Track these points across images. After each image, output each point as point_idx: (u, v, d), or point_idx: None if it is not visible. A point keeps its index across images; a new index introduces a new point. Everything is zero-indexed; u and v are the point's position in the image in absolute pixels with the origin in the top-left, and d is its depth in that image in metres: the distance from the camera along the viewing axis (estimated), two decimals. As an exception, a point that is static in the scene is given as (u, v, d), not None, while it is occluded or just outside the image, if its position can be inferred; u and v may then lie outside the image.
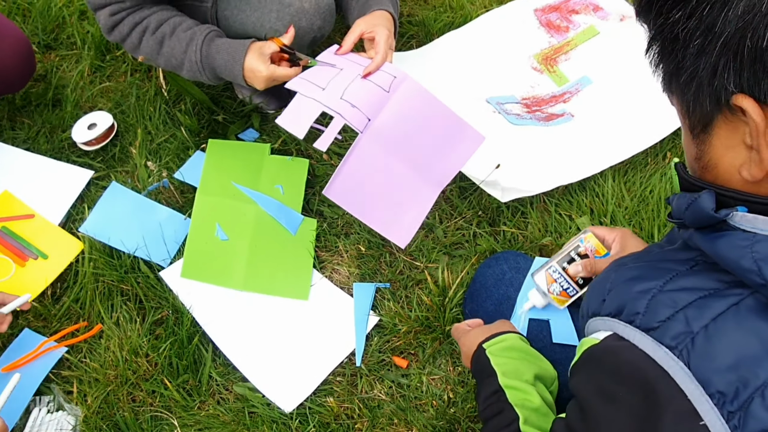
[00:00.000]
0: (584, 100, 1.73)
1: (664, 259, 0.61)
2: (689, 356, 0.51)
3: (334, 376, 1.36)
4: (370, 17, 1.41)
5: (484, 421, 0.92)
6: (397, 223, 1.41)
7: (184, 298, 1.40)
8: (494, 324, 1.08)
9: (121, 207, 1.52)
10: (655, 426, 0.52)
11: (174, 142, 1.67)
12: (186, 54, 1.41)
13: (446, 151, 1.39)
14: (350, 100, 1.31)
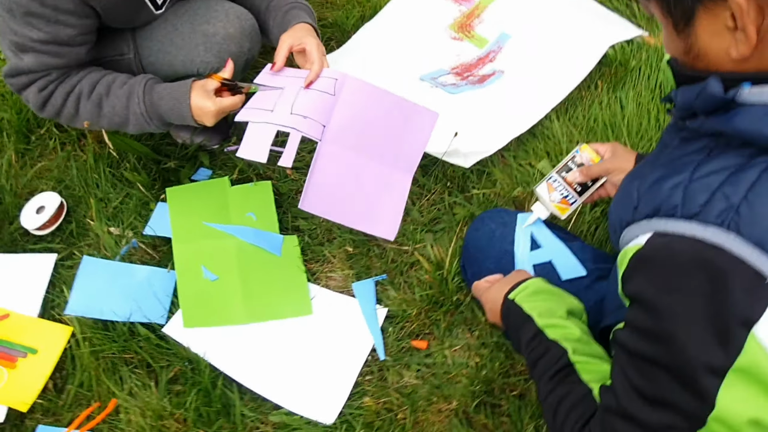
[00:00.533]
0: (508, 55, 1.81)
1: (679, 156, 0.66)
2: (738, 226, 0.56)
3: (363, 376, 1.38)
4: (293, 31, 1.43)
5: (531, 365, 0.95)
6: (380, 218, 1.44)
7: (196, 347, 1.38)
8: (510, 275, 1.12)
9: (101, 278, 1.48)
10: (725, 297, 0.56)
11: (130, 202, 1.64)
12: (128, 109, 1.39)
13: (405, 136, 1.43)
14: (301, 113, 1.33)
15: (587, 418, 0.81)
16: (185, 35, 1.40)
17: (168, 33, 1.42)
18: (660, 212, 0.63)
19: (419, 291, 1.45)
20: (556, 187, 1.23)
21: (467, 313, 1.43)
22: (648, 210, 0.65)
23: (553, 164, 1.61)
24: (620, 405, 0.70)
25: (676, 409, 0.63)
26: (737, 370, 0.58)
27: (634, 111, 1.68)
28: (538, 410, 1.29)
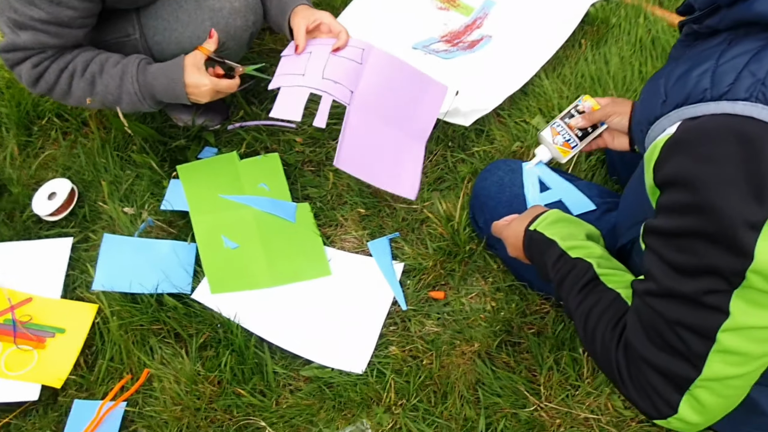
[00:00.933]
0: (495, 20, 1.88)
1: (701, 51, 0.73)
2: (766, 97, 0.63)
3: (387, 327, 1.44)
4: (301, 12, 1.46)
5: (558, 284, 1.02)
6: (402, 179, 1.52)
7: (227, 311, 1.43)
8: (527, 211, 1.19)
9: (124, 254, 1.51)
10: (758, 158, 0.62)
11: (141, 182, 1.67)
12: (122, 88, 1.41)
13: (420, 105, 1.53)
14: (332, 78, 1.39)
15: (618, 318, 0.88)
16: (191, 12, 1.44)
17: (173, 11, 1.46)
18: (689, 100, 0.69)
19: (432, 244, 1.52)
20: (559, 131, 1.31)
21: (480, 261, 1.50)
22: (677, 100, 0.70)
23: (547, 120, 1.69)
24: (660, 285, 0.75)
25: (716, 272, 0.68)
26: None
27: (618, 65, 1.77)
28: (556, 344, 1.37)
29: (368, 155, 1.46)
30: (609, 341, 0.87)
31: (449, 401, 1.34)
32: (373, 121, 1.45)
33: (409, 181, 1.52)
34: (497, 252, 1.46)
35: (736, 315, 0.70)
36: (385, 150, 1.48)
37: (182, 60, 1.40)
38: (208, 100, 1.44)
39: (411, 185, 1.53)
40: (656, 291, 0.76)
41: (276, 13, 1.52)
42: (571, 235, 1.05)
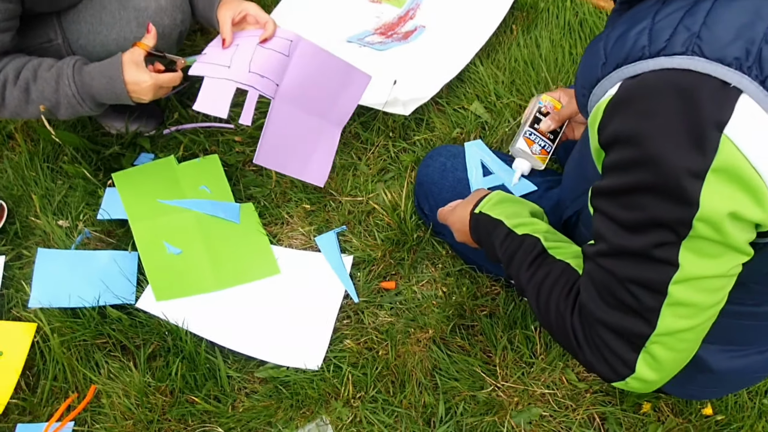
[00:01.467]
0: (427, 10, 1.89)
1: (637, 11, 0.74)
2: (701, 48, 0.64)
3: (340, 321, 1.43)
4: (228, 4, 1.43)
5: (508, 262, 1.02)
6: (312, 166, 1.53)
7: (174, 318, 1.38)
8: (471, 196, 1.19)
9: (61, 268, 1.45)
10: (697, 108, 0.63)
11: (75, 193, 1.61)
12: (58, 92, 1.34)
13: (342, 94, 1.51)
14: (258, 71, 1.36)
15: (571, 286, 0.89)
16: (115, 13, 1.39)
17: (96, 12, 1.40)
18: (629, 59, 0.70)
19: (380, 235, 1.51)
20: (534, 140, 1.30)
21: (428, 248, 1.50)
22: (617, 60, 0.71)
23: (485, 105, 1.71)
24: (610, 245, 0.76)
25: (664, 224, 0.70)
26: (715, 169, 0.64)
27: (550, 48, 1.81)
28: (509, 323, 1.39)
29: (287, 148, 1.46)
30: (564, 309, 0.88)
31: (407, 389, 1.34)
32: (296, 112, 1.44)
33: (320, 168, 1.54)
34: (444, 238, 1.46)
35: (685, 266, 0.71)
36: (303, 139, 1.49)
37: (120, 57, 1.33)
38: (151, 98, 1.37)
39: (321, 172, 1.55)
40: (607, 251, 0.77)
41: (203, 7, 1.48)
42: (516, 213, 1.06)
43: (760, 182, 0.65)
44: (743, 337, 0.98)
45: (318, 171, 1.54)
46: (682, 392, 1.17)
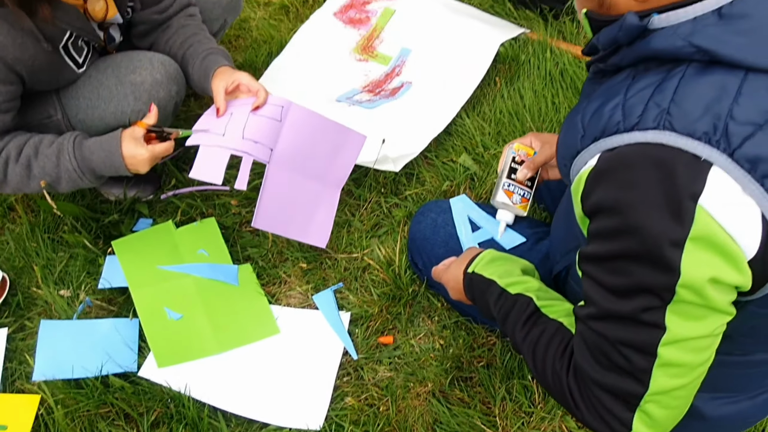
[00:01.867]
0: (413, 67, 1.96)
1: (609, 87, 0.79)
2: (672, 124, 0.69)
3: (340, 379, 1.45)
4: (220, 75, 1.48)
5: (503, 321, 1.05)
6: (312, 228, 1.55)
7: (176, 385, 1.40)
8: (464, 254, 1.23)
9: (63, 339, 1.47)
10: (673, 180, 0.68)
11: (76, 262, 1.64)
12: (59, 167, 1.40)
13: (338, 156, 1.56)
14: (252, 138, 1.41)
15: (565, 345, 0.92)
16: (112, 88, 1.45)
17: (94, 88, 1.46)
18: (605, 133, 0.75)
19: (376, 290, 1.54)
20: (513, 190, 1.34)
21: (424, 302, 1.53)
22: (594, 134, 0.76)
23: (473, 157, 1.76)
24: (599, 308, 0.79)
25: (649, 290, 0.73)
26: (693, 238, 0.68)
27: (533, 98, 1.87)
28: (506, 373, 1.41)
29: (285, 210, 1.49)
30: (559, 369, 0.91)
31: (409, 445, 1.35)
32: (293, 176, 1.48)
33: (321, 229, 1.57)
34: (439, 291, 1.49)
35: (672, 329, 0.75)
36: (302, 202, 1.52)
37: (119, 133, 1.40)
38: (148, 169, 1.43)
39: (321, 233, 1.57)
40: (597, 314, 0.80)
41: (198, 78, 1.54)
42: (508, 272, 1.09)
43: (735, 248, 0.69)
44: (734, 385, 1.01)
45: (319, 232, 1.56)
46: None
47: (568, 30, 2.05)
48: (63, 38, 1.36)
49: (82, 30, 1.38)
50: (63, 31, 1.34)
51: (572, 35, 2.02)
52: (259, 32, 2.18)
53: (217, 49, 1.58)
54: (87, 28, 1.40)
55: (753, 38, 0.69)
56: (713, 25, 0.70)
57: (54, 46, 1.35)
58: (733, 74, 0.69)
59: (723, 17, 0.70)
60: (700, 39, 0.70)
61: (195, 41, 1.57)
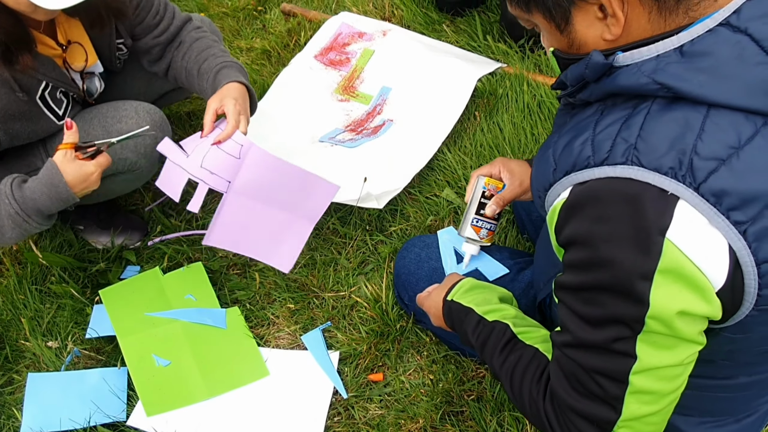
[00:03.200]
0: (393, 104, 2.00)
1: (579, 122, 0.82)
2: (639, 159, 0.71)
3: (331, 419, 1.44)
4: (219, 93, 1.48)
5: (481, 348, 1.07)
6: (277, 252, 1.57)
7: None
8: (445, 281, 1.24)
9: (51, 392, 1.46)
10: (642, 214, 0.70)
11: (64, 313, 1.64)
12: (0, 213, 1.31)
13: (307, 199, 1.55)
14: (209, 168, 1.41)
15: (542, 371, 0.93)
16: (99, 138, 1.47)
17: (81, 139, 1.48)
18: (576, 167, 0.77)
19: (364, 328, 1.54)
20: (480, 226, 1.36)
21: (412, 337, 1.53)
22: (566, 168, 0.79)
23: (455, 191, 1.79)
24: (574, 337, 0.81)
25: (620, 321, 0.75)
26: (661, 271, 0.70)
27: (512, 131, 1.90)
28: (497, 406, 1.40)
29: (245, 232, 1.50)
30: (536, 395, 0.92)
31: (403, 484, 1.34)
32: (255, 204, 1.49)
33: (285, 255, 1.58)
34: (426, 326, 1.50)
35: (643, 358, 0.76)
36: (266, 227, 1.53)
37: (52, 164, 1.32)
38: (98, 184, 1.38)
39: (286, 259, 1.58)
40: (571, 342, 0.82)
41: (212, 93, 1.52)
42: (486, 300, 1.11)
43: (703, 279, 0.71)
44: (719, 408, 1.01)
45: (284, 257, 1.58)
46: None
47: (544, 62, 2.09)
48: (39, 89, 1.37)
49: (57, 81, 1.40)
50: (38, 81, 1.36)
51: (548, 68, 2.07)
52: (242, 77, 2.21)
53: (231, 62, 1.56)
54: (63, 79, 1.42)
55: (714, 75, 0.71)
56: (675, 63, 0.73)
57: (30, 96, 1.36)
58: (696, 110, 0.72)
59: (685, 55, 0.73)
60: (664, 76, 0.72)
61: (209, 54, 1.57)
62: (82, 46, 1.44)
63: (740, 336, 0.82)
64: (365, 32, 2.22)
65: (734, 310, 0.76)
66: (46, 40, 1.37)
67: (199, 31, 1.63)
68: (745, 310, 0.75)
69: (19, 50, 1.25)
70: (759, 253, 0.70)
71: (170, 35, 1.59)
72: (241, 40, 2.40)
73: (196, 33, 1.62)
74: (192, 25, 1.63)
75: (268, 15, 2.50)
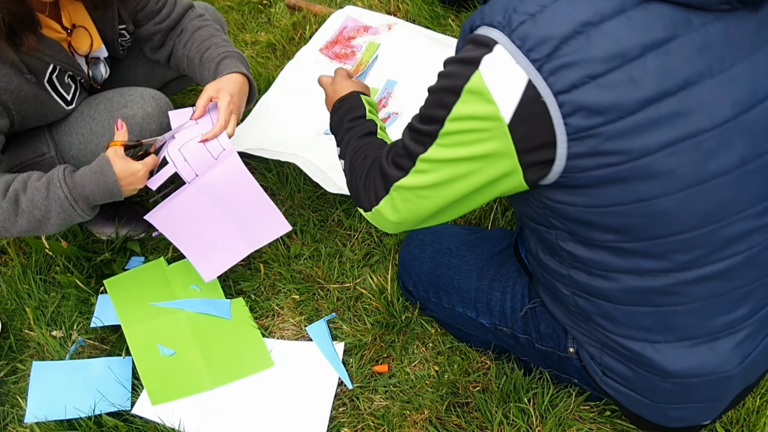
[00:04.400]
0: (399, 98, 2.00)
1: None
2: (487, 19, 0.88)
3: (336, 409, 1.43)
4: (218, 82, 1.47)
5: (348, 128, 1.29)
6: (207, 258, 1.55)
7: (170, 421, 1.39)
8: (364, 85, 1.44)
9: (56, 380, 1.46)
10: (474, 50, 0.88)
11: (68, 302, 1.64)
12: (49, 198, 1.33)
13: (258, 224, 1.54)
14: (184, 154, 1.41)
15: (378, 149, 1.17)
16: (104, 123, 1.47)
17: (86, 124, 1.48)
18: (473, 27, 0.92)
19: (369, 319, 1.54)
20: None
21: (418, 328, 1.53)
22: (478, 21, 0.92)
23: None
24: (410, 122, 1.03)
25: (432, 120, 0.95)
26: (466, 90, 0.88)
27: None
28: (502, 397, 1.40)
29: (187, 226, 1.49)
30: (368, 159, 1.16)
31: (408, 474, 1.33)
32: (209, 205, 1.47)
33: (214, 264, 1.55)
34: (432, 314, 1.50)
35: (430, 151, 0.97)
36: (209, 231, 1.51)
37: (105, 156, 1.35)
38: (144, 183, 1.41)
39: (211, 269, 1.55)
40: (407, 125, 1.04)
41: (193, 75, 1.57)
42: (376, 115, 1.35)
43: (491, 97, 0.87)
44: (680, 325, 1.01)
45: (210, 267, 1.55)
46: (666, 417, 1.14)
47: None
48: (46, 72, 1.38)
49: (64, 63, 1.40)
50: (46, 64, 1.37)
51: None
52: (247, 70, 2.21)
53: (233, 53, 1.56)
54: (70, 62, 1.42)
55: None
56: None
57: (38, 79, 1.36)
58: None
59: None
60: None
61: (212, 44, 1.57)
62: (87, 30, 1.45)
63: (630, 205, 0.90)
64: (370, 26, 2.22)
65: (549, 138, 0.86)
66: (50, 23, 1.37)
67: (202, 19, 1.63)
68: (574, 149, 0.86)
69: (24, 32, 1.26)
70: (554, 86, 0.83)
71: (172, 22, 1.59)
72: (246, 34, 2.40)
73: (198, 21, 1.62)
74: (194, 13, 1.63)
75: (273, 9, 2.50)
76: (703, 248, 0.94)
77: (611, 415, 1.37)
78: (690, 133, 0.86)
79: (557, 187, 0.92)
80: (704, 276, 0.96)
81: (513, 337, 1.31)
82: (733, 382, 1.06)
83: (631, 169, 0.87)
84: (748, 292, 0.99)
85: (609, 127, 0.84)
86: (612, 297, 1.02)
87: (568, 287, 1.09)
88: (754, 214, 0.93)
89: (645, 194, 0.89)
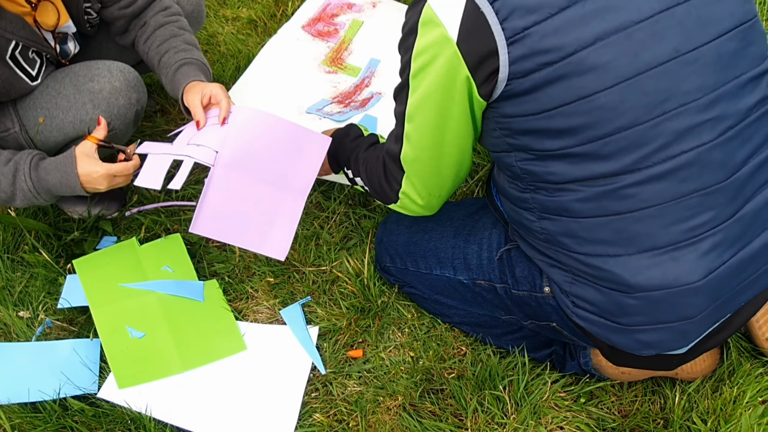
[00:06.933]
0: (382, 77, 1.95)
1: None
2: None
3: (309, 395, 1.41)
4: (192, 89, 1.44)
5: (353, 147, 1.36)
6: (270, 238, 1.45)
7: (137, 406, 1.36)
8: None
9: (20, 362, 1.42)
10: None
11: (36, 282, 1.59)
12: (15, 186, 1.37)
13: (298, 160, 1.47)
14: (195, 142, 1.37)
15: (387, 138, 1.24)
16: (70, 97, 1.42)
17: (52, 98, 1.43)
18: None
19: (344, 303, 1.51)
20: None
21: (394, 313, 1.50)
22: None
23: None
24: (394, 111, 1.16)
25: (404, 68, 1.08)
26: (421, 23, 1.00)
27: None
28: (477, 384, 1.38)
29: (233, 216, 1.40)
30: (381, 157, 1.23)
31: (380, 461, 1.31)
32: (243, 179, 1.40)
33: (279, 239, 1.45)
34: (411, 290, 1.46)
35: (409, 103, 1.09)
36: (254, 208, 1.43)
37: (73, 151, 1.36)
38: (106, 187, 1.39)
39: (280, 244, 1.45)
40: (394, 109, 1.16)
41: (171, 89, 1.50)
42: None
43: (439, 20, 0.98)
44: (640, 231, 1.00)
45: (277, 243, 1.46)
46: (636, 343, 1.10)
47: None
48: (8, 48, 1.33)
49: (27, 39, 1.35)
50: (7, 40, 1.31)
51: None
52: (227, 47, 2.16)
53: (192, 59, 1.52)
54: (34, 38, 1.37)
55: None
56: None
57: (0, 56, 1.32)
58: None
59: None
60: None
61: (171, 47, 1.52)
62: (53, 4, 1.39)
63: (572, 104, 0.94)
64: (354, 3, 2.16)
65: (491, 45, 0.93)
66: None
67: (166, 13, 1.57)
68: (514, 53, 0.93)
69: None
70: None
71: (137, 9, 1.54)
72: (227, 9, 2.34)
73: (162, 17, 1.56)
74: (160, 5, 1.57)
75: (256, -16, 2.43)
76: (649, 145, 0.95)
77: (586, 403, 1.35)
78: (620, 26, 0.90)
79: (505, 99, 0.98)
80: (655, 175, 0.96)
81: (491, 290, 1.29)
82: (699, 297, 1.02)
83: (568, 65, 0.91)
84: (706, 196, 0.98)
85: (543, 25, 0.91)
86: (572, 210, 1.03)
87: (533, 212, 1.11)
88: (696, 108, 0.94)
89: (584, 90, 0.92)
